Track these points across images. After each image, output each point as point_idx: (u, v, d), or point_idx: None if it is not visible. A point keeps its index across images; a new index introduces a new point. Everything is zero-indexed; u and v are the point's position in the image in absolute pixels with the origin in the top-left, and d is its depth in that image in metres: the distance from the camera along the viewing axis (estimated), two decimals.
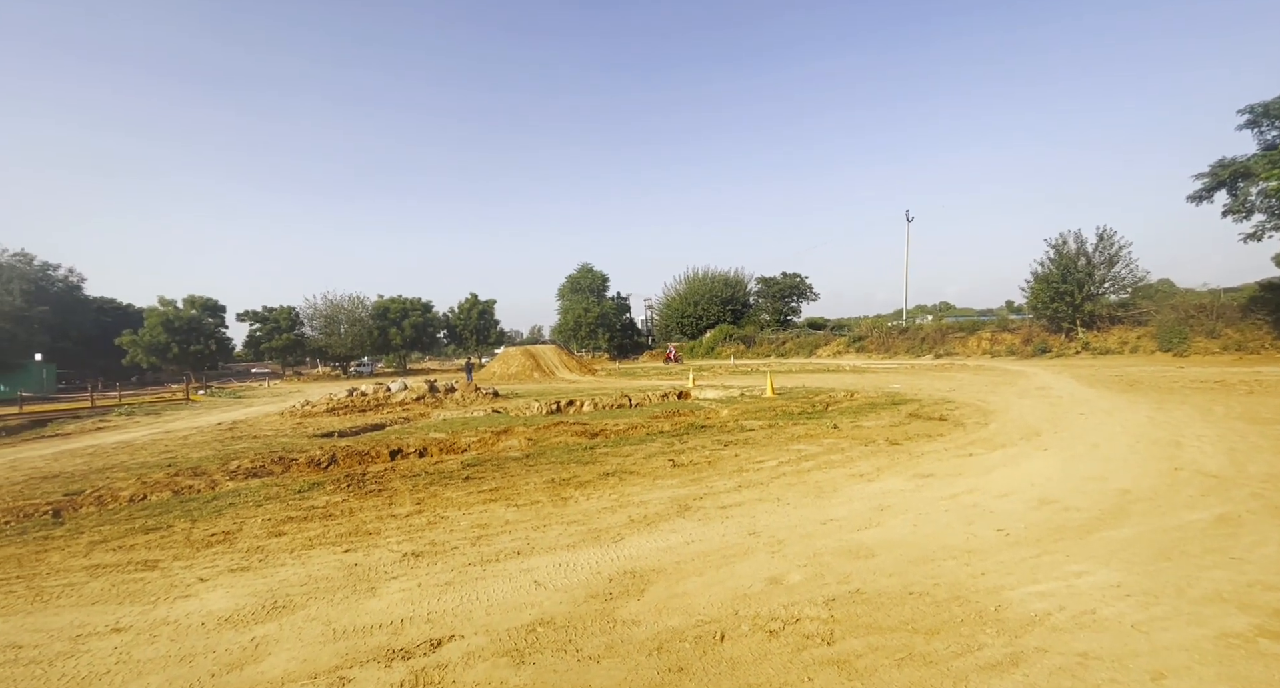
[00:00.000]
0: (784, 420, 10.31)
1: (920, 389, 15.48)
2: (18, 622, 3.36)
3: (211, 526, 5.21)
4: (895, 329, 42.64)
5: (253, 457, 8.76)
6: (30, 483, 7.67)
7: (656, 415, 12.13)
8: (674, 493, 5.70)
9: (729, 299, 63.75)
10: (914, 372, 24.23)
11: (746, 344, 53.06)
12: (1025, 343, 31.63)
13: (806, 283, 64.21)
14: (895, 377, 21.49)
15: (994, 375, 19.81)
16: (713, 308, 62.77)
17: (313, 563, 4.16)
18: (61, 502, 6.37)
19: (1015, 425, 8.98)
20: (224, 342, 50.14)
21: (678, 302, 66.56)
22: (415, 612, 3.33)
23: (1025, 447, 7.36)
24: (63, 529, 5.34)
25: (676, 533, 4.52)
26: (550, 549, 4.27)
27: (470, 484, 6.43)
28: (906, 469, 6.35)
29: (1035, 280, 32.04)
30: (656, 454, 7.62)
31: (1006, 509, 4.78)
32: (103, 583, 3.93)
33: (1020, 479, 5.73)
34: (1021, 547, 3.92)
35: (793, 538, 4.30)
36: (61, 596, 3.74)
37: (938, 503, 5.05)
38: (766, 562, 3.87)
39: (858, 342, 43.16)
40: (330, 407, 16.27)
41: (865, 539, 4.22)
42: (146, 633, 3.17)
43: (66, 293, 49.10)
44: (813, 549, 4.06)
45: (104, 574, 4.10)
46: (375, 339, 55.66)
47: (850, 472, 6.33)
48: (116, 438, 12.87)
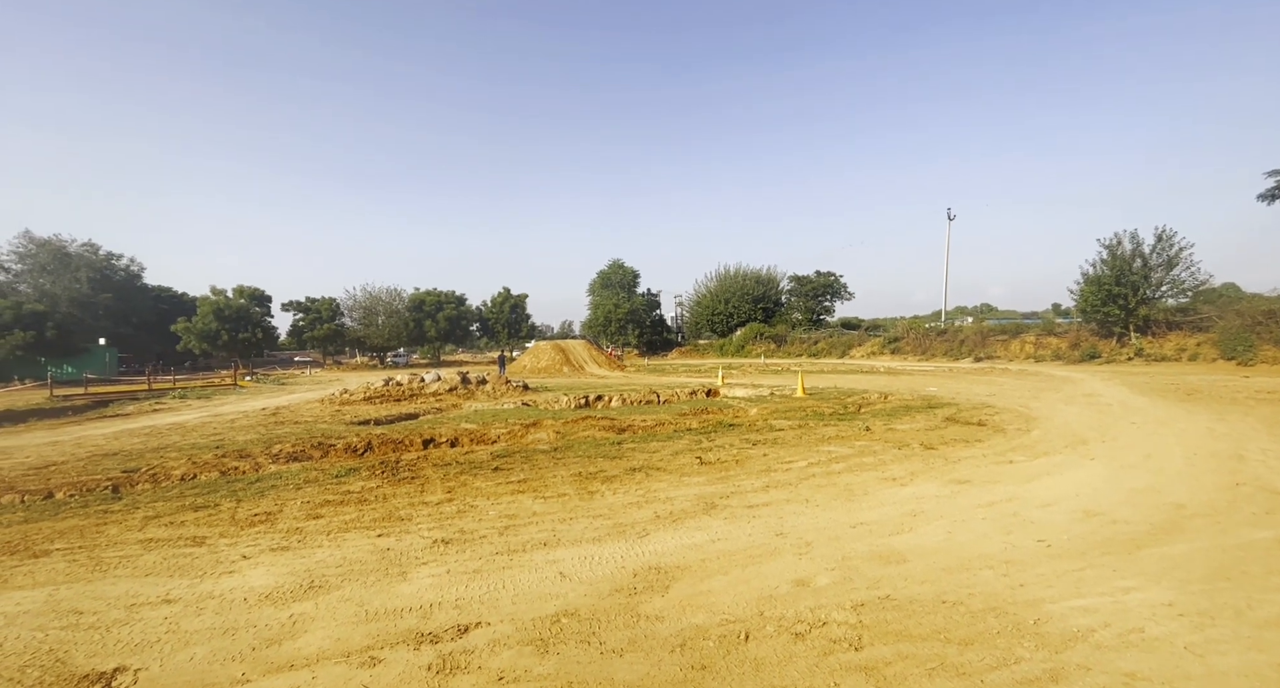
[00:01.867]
0: (814, 421, 10.13)
1: (958, 393, 14.99)
2: (79, 589, 3.58)
3: (255, 506, 5.44)
4: (933, 331, 41.38)
5: (294, 441, 9.12)
6: (92, 460, 8.15)
7: (684, 413, 12.09)
8: (700, 491, 5.68)
9: (760, 297, 62.97)
10: (952, 375, 23.48)
11: (777, 343, 52.36)
12: (1073, 347, 30.24)
13: (840, 282, 62.93)
14: (932, 380, 20.87)
15: (1038, 381, 19.03)
16: (744, 306, 62.12)
17: (347, 546, 4.30)
18: (120, 478, 6.75)
19: (1060, 433, 8.61)
20: (270, 330, 52.19)
21: (708, 299, 66.11)
22: (444, 598, 3.40)
23: (1070, 455, 7.05)
24: (120, 504, 5.66)
25: (702, 531, 4.50)
26: (576, 542, 4.31)
27: (499, 475, 6.54)
28: (942, 475, 6.16)
29: (1085, 282, 30.58)
30: (684, 451, 7.60)
31: (1048, 520, 4.59)
32: (155, 556, 4.15)
33: (1064, 489, 5.49)
34: (1064, 559, 3.76)
35: (821, 540, 4.22)
36: (118, 566, 3.97)
37: (974, 510, 4.88)
38: (794, 563, 3.81)
39: (893, 343, 42.08)
40: (367, 395, 16.78)
41: (897, 545, 4.11)
42: (194, 606, 3.33)
43: (128, 281, 51.88)
44: (842, 552, 3.98)
45: (156, 548, 4.33)
46: (411, 331, 57.10)
47: (882, 475, 6.18)
48: (170, 420, 13.58)
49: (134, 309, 50.65)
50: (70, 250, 47.40)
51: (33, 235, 46.13)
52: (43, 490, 6.25)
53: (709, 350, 60.56)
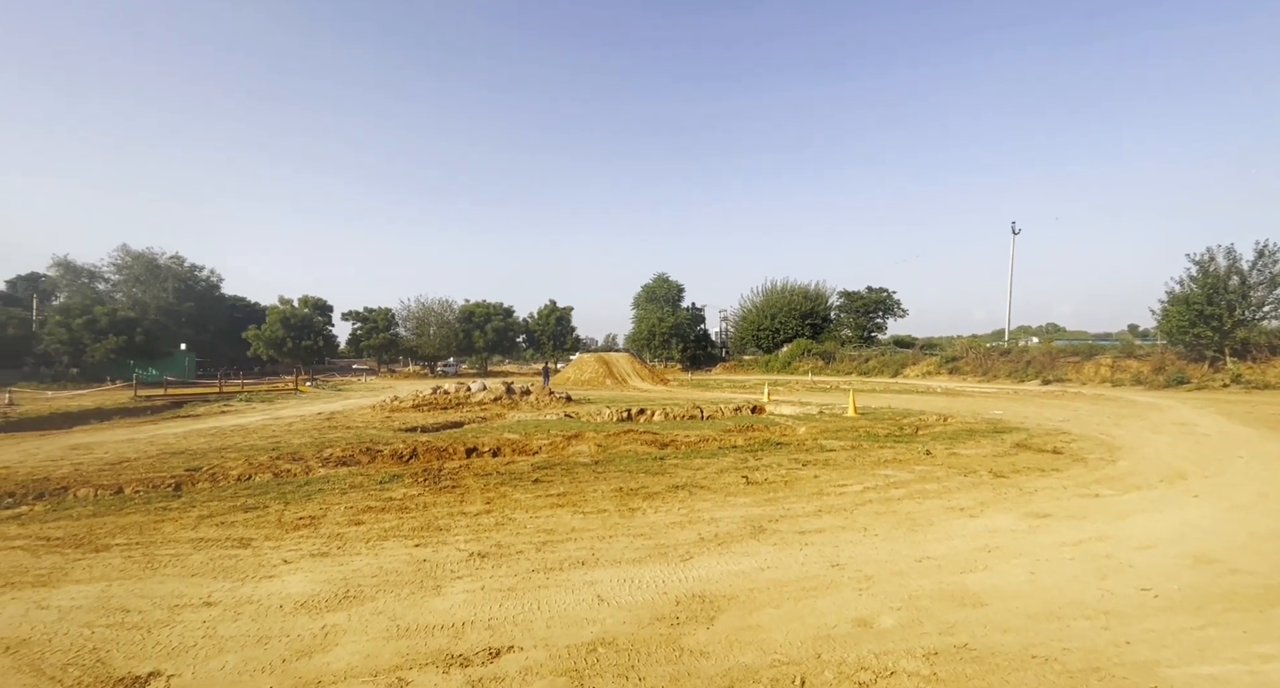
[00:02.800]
0: (868, 442, 9.57)
1: (1027, 417, 13.93)
2: (130, 586, 3.64)
3: (301, 509, 5.50)
4: (995, 350, 39.11)
5: (344, 446, 9.34)
6: (162, 457, 8.58)
7: (729, 429, 11.72)
8: (747, 512, 5.36)
9: (808, 313, 61.52)
10: (1018, 398, 21.99)
11: (826, 360, 50.78)
12: (1156, 372, 27.79)
13: (894, 298, 60.73)
14: (996, 402, 19.59)
15: (1118, 406, 17.51)
16: (791, 321, 60.81)
17: (385, 555, 4.24)
18: (182, 476, 7.04)
19: (1152, 465, 7.76)
20: (330, 339, 54.94)
21: (754, 314, 65.13)
22: (477, 616, 3.25)
23: (1167, 491, 6.30)
24: (179, 502, 5.86)
25: (750, 557, 4.20)
26: (615, 562, 4.09)
27: (539, 487, 6.41)
28: (1016, 506, 5.60)
29: (1171, 301, 28.12)
30: (729, 469, 7.27)
31: (1151, 565, 4.03)
32: (203, 556, 4.20)
33: (1166, 529, 4.85)
34: (1178, 613, 3.25)
35: (883, 574, 3.84)
36: (169, 565, 4.04)
37: (1059, 549, 4.36)
38: (853, 599, 3.46)
39: (951, 362, 39.98)
40: (415, 403, 17.20)
41: (971, 584, 3.68)
42: (232, 610, 3.31)
43: (208, 291, 56.00)
44: (907, 590, 3.59)
45: (205, 548, 4.40)
46: (460, 341, 58.85)
47: (948, 504, 5.68)
48: (235, 421, 14.29)
49: (212, 317, 54.47)
50: (160, 262, 51.62)
51: (129, 249, 50.53)
52: (114, 486, 6.58)
53: (754, 366, 59.40)
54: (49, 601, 3.40)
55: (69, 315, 38.09)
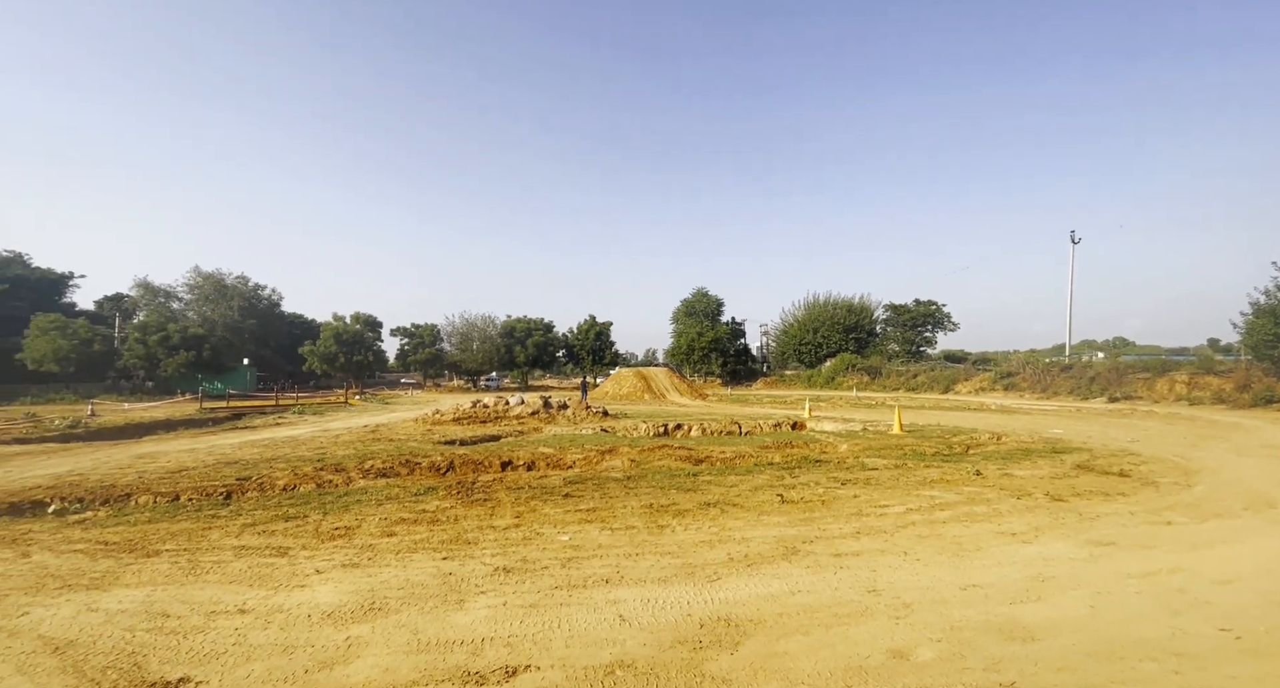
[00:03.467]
0: (914, 461, 9.13)
1: (1090, 437, 13.03)
2: (172, 592, 3.80)
3: (338, 520, 5.66)
4: (1055, 366, 36.92)
5: (385, 458, 9.60)
6: (216, 467, 9.03)
7: (767, 446, 11.44)
8: (781, 532, 5.16)
9: (852, 327, 59.95)
10: (1081, 416, 20.65)
11: (871, 376, 49.19)
12: (1240, 389, 25.54)
13: (943, 311, 58.56)
14: (1056, 420, 18.44)
15: (1194, 426, 16.17)
16: (834, 336, 59.39)
17: (412, 567, 4.28)
18: (233, 486, 7.37)
19: (1234, 491, 7.07)
20: (379, 354, 57.18)
21: (795, 328, 63.97)
22: (497, 633, 3.22)
23: (1253, 519, 5.71)
24: (227, 510, 6.13)
25: (780, 579, 4.02)
26: (640, 581, 4.00)
27: (569, 502, 6.39)
28: (1076, 533, 5.19)
29: (1255, 313, 25.92)
30: (764, 487, 7.06)
31: (1232, 602, 3.63)
32: (243, 564, 4.36)
33: (1251, 563, 4.38)
34: (1264, 659, 2.89)
35: (923, 602, 3.60)
36: (210, 571, 4.20)
37: (1124, 581, 3.99)
38: (889, 628, 3.25)
39: (1006, 378, 38.00)
40: (456, 416, 17.59)
41: (1022, 616, 3.41)
42: (263, 618, 3.39)
43: (269, 309, 59.37)
44: (949, 620, 3.35)
45: (246, 555, 4.56)
46: (502, 356, 60.13)
47: (998, 528, 5.31)
48: (287, 433, 14.96)
49: (272, 333, 57.64)
50: (227, 282, 55.14)
51: (200, 270, 54.25)
52: (171, 493, 6.95)
53: (795, 382, 58.15)
54: (99, 603, 3.59)
55: (146, 333, 41.11)
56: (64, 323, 38.55)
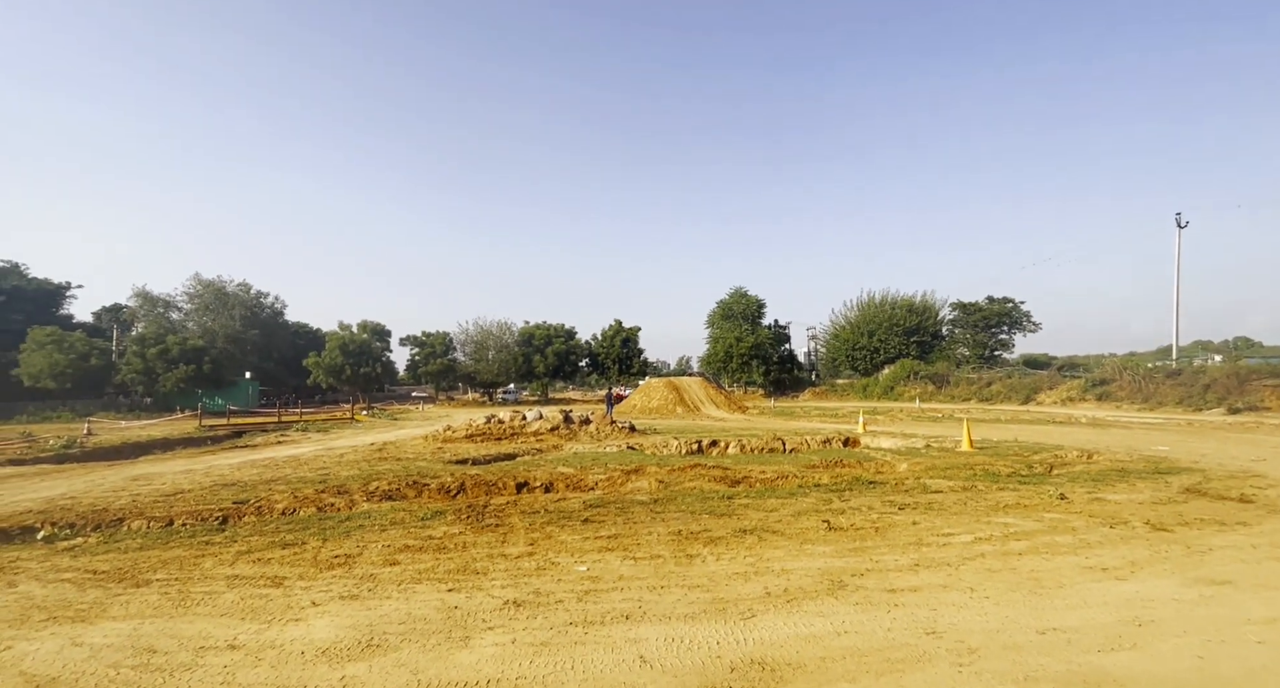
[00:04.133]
0: (985, 483, 8.84)
1: (1203, 455, 12.38)
2: (160, 625, 3.95)
3: (338, 547, 5.80)
4: (1159, 371, 35.31)
5: (390, 479, 9.82)
6: (214, 489, 9.40)
7: (813, 465, 11.25)
8: (826, 564, 5.06)
9: (914, 329, 58.67)
10: (1193, 430, 19.66)
11: (937, 384, 47.98)
12: None
13: (1022, 310, 56.76)
14: (1161, 436, 17.60)
15: None
16: (892, 339, 58.21)
17: (415, 600, 4.35)
18: (230, 509, 7.65)
19: None
20: (389, 365, 58.60)
21: (847, 332, 63.00)
22: (504, 674, 3.24)
23: None
24: (223, 536, 6.36)
25: (825, 618, 3.93)
26: (665, 618, 3.97)
27: (588, 528, 6.40)
28: (1183, 569, 4.92)
29: None
30: (808, 512, 6.94)
31: None
32: (235, 595, 4.51)
33: None
34: None
35: (992, 648, 3.47)
36: (201, 603, 4.36)
37: (1242, 628, 3.76)
38: (950, 677, 3.13)
39: (1099, 386, 36.50)
40: (469, 433, 17.88)
41: (1112, 667, 3.24)
42: (254, 655, 3.49)
43: (272, 318, 61.70)
44: (1023, 669, 3.21)
45: (239, 586, 4.71)
46: (520, 366, 60.88)
47: (1086, 562, 5.09)
48: (288, 452, 15.46)
49: (275, 344, 59.80)
50: (228, 290, 57.52)
51: (200, 277, 56.76)
52: (165, 518, 7.25)
53: (848, 391, 57.16)
54: (83, 637, 3.76)
55: (144, 345, 43.16)
56: (61, 336, 40.79)
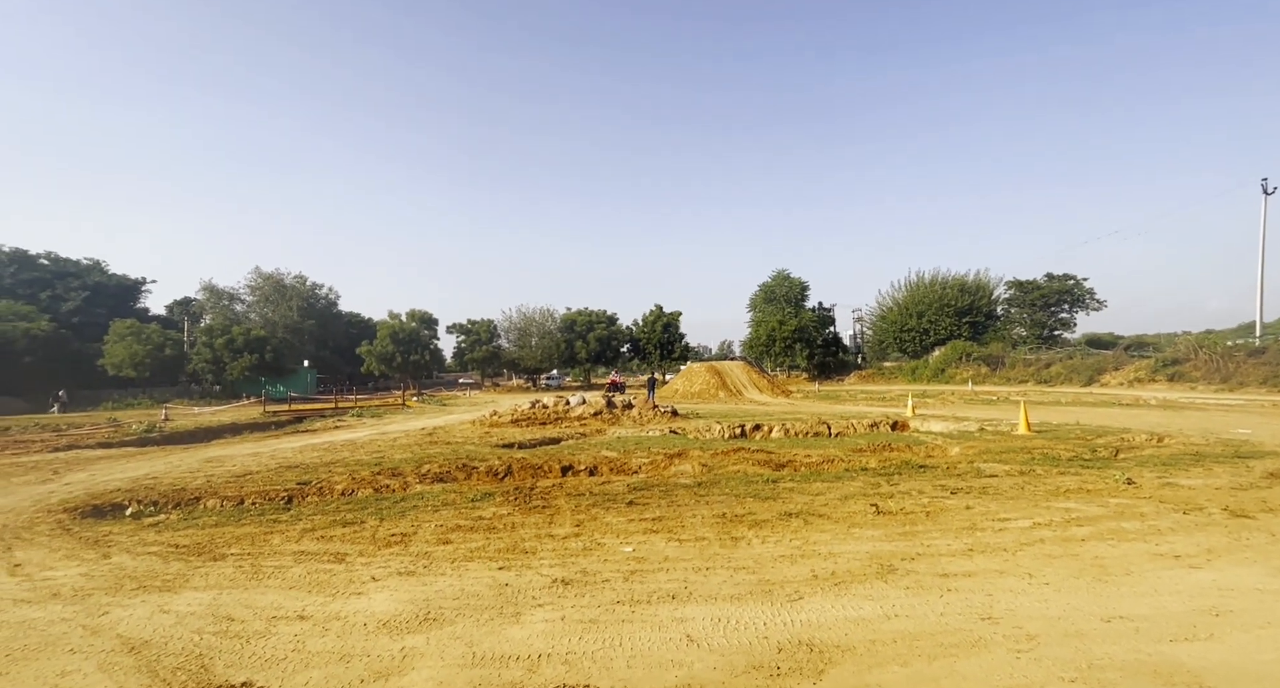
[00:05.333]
0: (1044, 467, 8.49)
1: None
2: (236, 596, 4.22)
3: (394, 526, 6.05)
4: (1240, 350, 32.96)
5: (441, 462, 10.14)
6: (279, 471, 9.90)
7: (860, 448, 11.04)
8: (875, 548, 4.97)
9: (966, 309, 56.56)
10: (1277, 412, 18.36)
11: (991, 366, 46.22)
12: None
13: (1084, 287, 53.80)
14: (1241, 418, 16.52)
15: None
16: (943, 320, 56.30)
17: (468, 576, 4.51)
18: (294, 490, 8.05)
19: None
20: (436, 352, 60.33)
21: (895, 313, 61.25)
22: (554, 649, 3.33)
23: None
24: (288, 514, 6.72)
25: (874, 601, 3.88)
26: (710, 598, 3.99)
27: (633, 510, 6.47)
28: (1266, 558, 4.63)
29: None
30: (855, 496, 6.82)
31: None
32: (302, 570, 4.76)
33: None
34: None
35: (1052, 635, 3.35)
36: (271, 576, 4.62)
37: None
38: (1007, 663, 3.05)
39: (1171, 366, 34.41)
40: (514, 418, 18.26)
41: (1185, 657, 3.09)
42: (321, 625, 3.69)
43: (326, 309, 64.21)
44: (1087, 657, 3.10)
45: (305, 561, 4.98)
46: (562, 352, 61.72)
47: (1155, 549, 4.84)
48: (345, 436, 16.15)
49: (330, 334, 62.27)
50: (286, 282, 60.09)
51: (261, 270, 59.46)
52: (236, 497, 7.71)
53: (896, 375, 55.68)
54: (169, 605, 4.05)
55: (212, 336, 45.71)
56: (139, 328, 43.60)
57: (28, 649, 3.47)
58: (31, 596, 4.34)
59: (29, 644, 3.53)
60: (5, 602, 4.22)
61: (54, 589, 4.45)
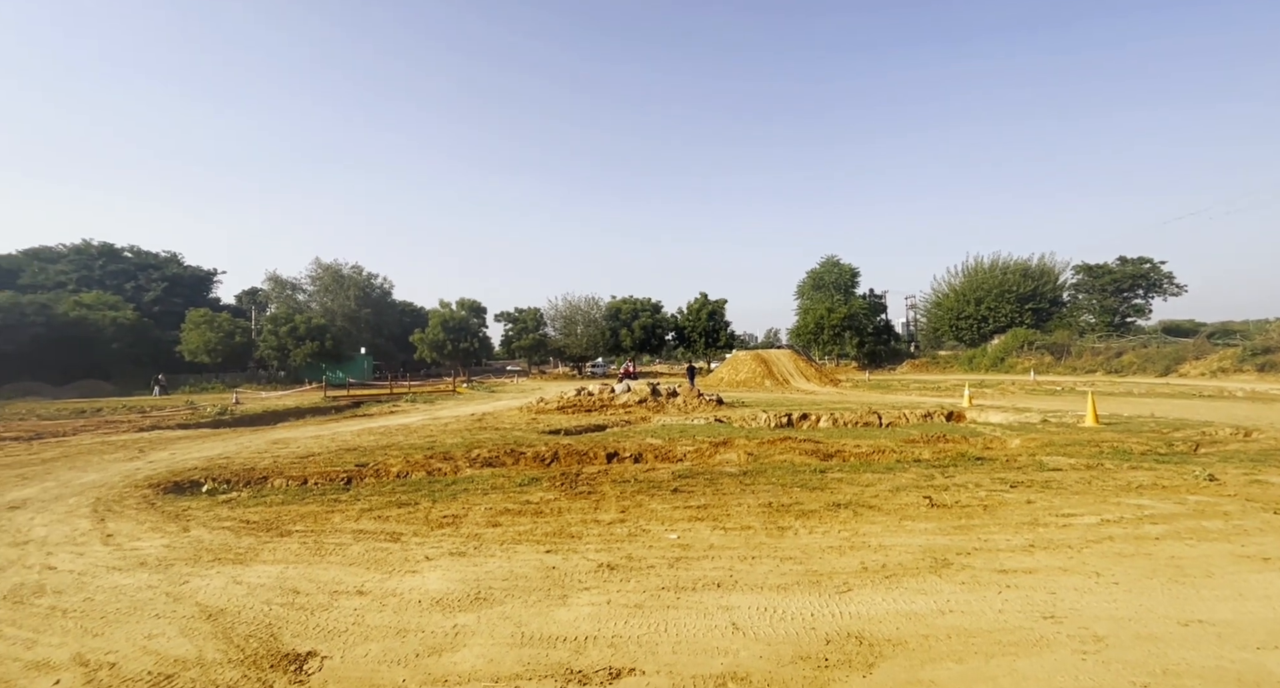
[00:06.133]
0: (1114, 461, 8.03)
1: None
2: (301, 570, 4.45)
3: (446, 508, 6.24)
4: None
5: (490, 447, 10.40)
6: (338, 453, 10.37)
7: (913, 439, 10.71)
8: (928, 541, 4.82)
9: (1029, 295, 53.89)
10: None
11: (1055, 355, 43.97)
12: None
13: (1161, 270, 50.38)
14: None
15: None
16: (1003, 307, 53.83)
17: (516, 559, 4.61)
18: (352, 471, 8.42)
19: None
20: (485, 340, 61.74)
21: (950, 300, 58.92)
22: (600, 632, 3.38)
23: None
24: (347, 495, 7.03)
25: (927, 595, 3.77)
26: (756, 587, 3.96)
27: (678, 498, 6.48)
28: None
29: None
30: (908, 488, 6.63)
31: None
32: (361, 548, 4.98)
33: None
34: None
35: (1122, 637, 3.18)
36: (333, 553, 4.85)
37: None
38: (1073, 665, 2.91)
39: (1261, 355, 31.91)
40: (560, 405, 18.53)
41: (1276, 665, 2.88)
42: (379, 601, 3.86)
43: (381, 298, 66.51)
44: (1162, 662, 2.93)
45: (363, 539, 5.20)
46: (607, 340, 62.13)
47: (1240, 550, 4.52)
48: (400, 421, 16.75)
49: (385, 322, 64.54)
50: (344, 272, 62.51)
51: (320, 261, 62.03)
52: (300, 477, 8.11)
53: (951, 363, 53.69)
54: (242, 577, 4.31)
55: (277, 324, 48.05)
56: (211, 317, 46.27)
57: (120, 613, 3.76)
58: (122, 563, 4.70)
59: (121, 608, 3.83)
60: (100, 569, 4.59)
61: (141, 559, 4.80)
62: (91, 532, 5.64)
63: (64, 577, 4.45)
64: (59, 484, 8.10)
